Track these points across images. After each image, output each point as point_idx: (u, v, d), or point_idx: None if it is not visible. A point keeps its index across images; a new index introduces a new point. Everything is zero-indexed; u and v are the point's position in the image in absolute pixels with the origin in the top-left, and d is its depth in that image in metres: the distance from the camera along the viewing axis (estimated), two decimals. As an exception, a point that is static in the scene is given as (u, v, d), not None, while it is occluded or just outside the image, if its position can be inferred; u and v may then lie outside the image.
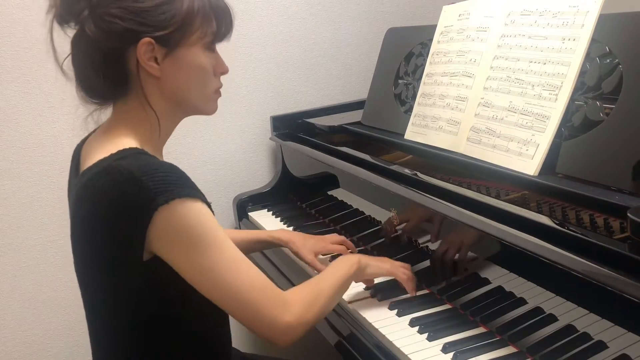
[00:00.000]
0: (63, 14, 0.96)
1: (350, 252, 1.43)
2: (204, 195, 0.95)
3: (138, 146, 0.97)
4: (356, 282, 1.25)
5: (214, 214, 0.98)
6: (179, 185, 0.91)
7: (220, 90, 1.08)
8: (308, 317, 1.00)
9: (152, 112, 1.00)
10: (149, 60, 0.96)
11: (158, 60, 0.97)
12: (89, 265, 1.01)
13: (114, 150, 0.95)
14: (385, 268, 1.22)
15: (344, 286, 1.13)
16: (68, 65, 1.01)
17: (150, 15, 0.94)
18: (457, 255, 1.17)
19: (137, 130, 1.00)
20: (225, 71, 1.07)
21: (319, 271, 1.37)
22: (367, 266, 1.19)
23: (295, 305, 0.99)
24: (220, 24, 1.02)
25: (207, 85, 1.04)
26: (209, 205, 0.96)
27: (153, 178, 0.89)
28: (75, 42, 0.98)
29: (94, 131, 1.09)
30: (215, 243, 0.93)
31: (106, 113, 1.06)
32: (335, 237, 1.46)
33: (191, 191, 0.92)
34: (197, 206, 0.92)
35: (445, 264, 1.20)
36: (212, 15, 1.01)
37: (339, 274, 1.12)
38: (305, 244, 1.40)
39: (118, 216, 0.90)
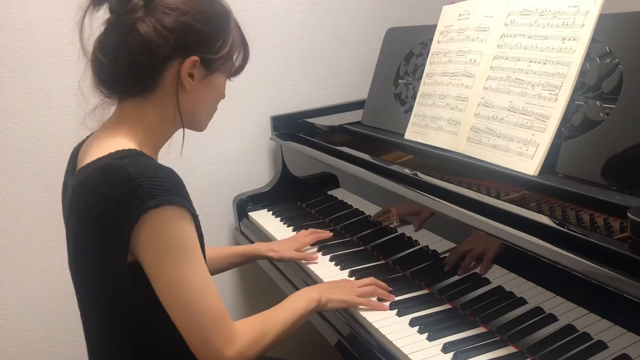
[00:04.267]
0: (113, 5, 0.97)
1: (324, 235, 1.51)
2: (194, 208, 0.97)
3: (137, 148, 0.98)
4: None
5: (200, 226, 1.00)
6: (172, 193, 0.92)
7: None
8: (250, 354, 1.00)
9: (155, 118, 1.03)
10: (187, 76, 1.01)
11: (194, 78, 1.02)
12: (80, 262, 1.02)
13: (113, 150, 0.96)
14: (346, 301, 1.19)
15: (299, 322, 1.11)
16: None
17: (209, 40, 1.01)
18: (457, 255, 1.17)
19: (137, 133, 1.02)
20: (223, 97, 1.13)
21: (310, 260, 1.43)
22: (328, 302, 1.17)
23: (241, 341, 0.99)
24: (246, 56, 1.11)
25: (214, 107, 1.13)
26: (196, 218, 0.98)
27: (149, 181, 0.91)
28: (114, 30, 0.98)
29: (90, 134, 1.10)
30: (191, 260, 0.95)
31: (105, 115, 1.07)
32: (305, 232, 1.53)
33: (183, 201, 0.94)
34: (186, 218, 0.94)
35: (445, 264, 1.20)
36: (242, 48, 1.10)
37: (295, 311, 1.10)
38: (284, 246, 1.47)
39: (109, 213, 0.91)
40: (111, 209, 0.91)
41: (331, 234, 1.54)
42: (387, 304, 1.20)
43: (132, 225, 0.91)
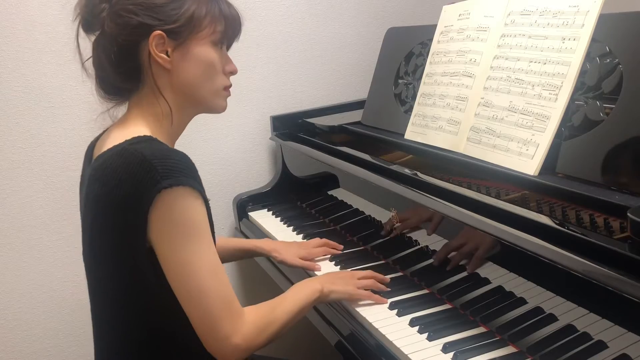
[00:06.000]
0: (87, 16, 1.03)
1: (334, 250, 1.46)
2: (204, 192, 0.98)
3: (151, 135, 1.02)
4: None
5: (210, 211, 1.01)
6: (186, 175, 0.94)
7: (230, 90, 1.13)
8: (256, 343, 1.01)
9: (165, 103, 1.05)
10: (161, 53, 1.02)
11: (169, 54, 1.03)
12: (96, 250, 1.02)
13: (129, 137, 0.99)
14: (348, 293, 1.20)
15: (302, 312, 1.12)
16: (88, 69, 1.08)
17: (162, 10, 1.01)
18: (457, 255, 1.17)
19: (150, 122, 1.05)
20: (234, 71, 1.12)
21: (312, 270, 1.39)
22: (330, 293, 1.18)
23: (247, 328, 0.99)
24: (229, 28, 1.09)
25: (215, 81, 1.09)
26: (207, 202, 0.99)
27: (163, 162, 0.93)
28: (96, 43, 1.05)
29: (105, 130, 1.12)
30: (202, 241, 0.96)
31: (120, 111, 1.11)
32: (317, 241, 1.49)
33: (195, 183, 0.96)
34: (197, 201, 0.96)
35: (445, 264, 1.20)
36: (221, 19, 1.07)
37: (298, 301, 1.11)
38: (289, 251, 1.43)
39: (126, 197, 0.93)
40: (128, 192, 0.93)
41: (342, 246, 1.48)
42: (387, 302, 1.21)
43: (148, 207, 0.92)
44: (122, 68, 1.03)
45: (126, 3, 1.01)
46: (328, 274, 1.27)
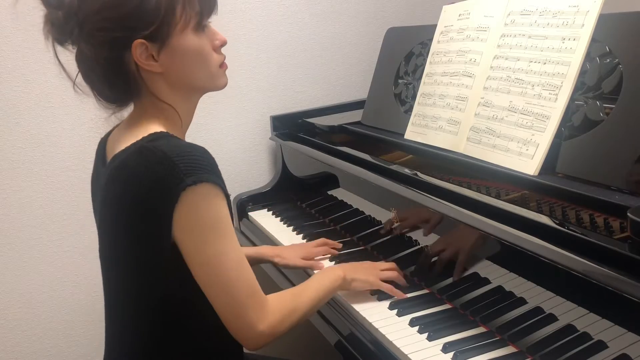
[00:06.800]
0: (57, 36, 0.99)
1: (334, 250, 1.47)
2: (226, 188, 0.98)
3: (166, 131, 1.00)
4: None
5: (231, 207, 1.01)
6: (208, 171, 0.94)
7: (226, 62, 1.08)
8: (281, 329, 1.03)
9: (167, 105, 1.03)
10: (147, 60, 0.99)
11: (155, 57, 0.99)
12: (118, 248, 1.02)
13: (145, 134, 0.98)
14: (370, 282, 1.22)
15: (324, 299, 1.14)
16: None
17: (133, 18, 0.96)
18: (457, 255, 1.17)
19: (160, 120, 1.03)
20: (223, 41, 1.07)
21: (315, 269, 1.40)
22: (352, 281, 1.20)
23: (272, 315, 1.01)
24: (204, 5, 1.02)
25: (209, 64, 1.05)
26: (228, 198, 1.00)
27: (185, 159, 0.92)
28: (79, 60, 1.01)
29: (116, 126, 1.12)
30: (227, 236, 0.96)
31: (127, 109, 1.09)
32: (316, 241, 1.49)
33: (218, 180, 0.96)
34: (220, 196, 0.96)
35: (445, 264, 1.20)
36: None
37: (321, 288, 1.13)
38: (291, 253, 1.44)
39: (149, 195, 0.93)
40: (151, 191, 0.92)
41: (341, 245, 1.49)
42: (405, 296, 1.22)
43: (174, 204, 0.91)
44: (113, 84, 1.00)
45: (94, 20, 0.95)
46: (351, 263, 1.29)
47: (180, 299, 1.01)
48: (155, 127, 1.01)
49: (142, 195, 0.93)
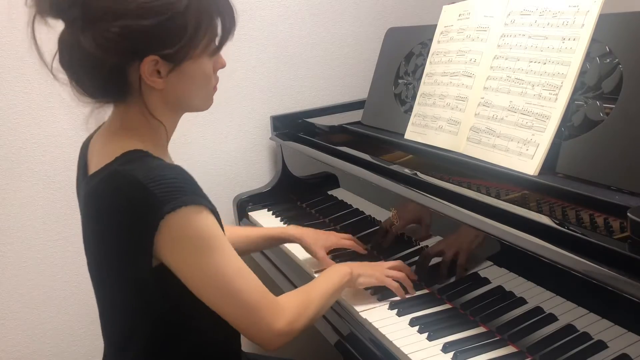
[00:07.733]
0: (45, 11, 0.90)
1: (360, 248, 1.45)
2: (209, 201, 0.95)
3: (142, 148, 0.96)
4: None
5: (219, 218, 0.98)
6: (185, 192, 0.90)
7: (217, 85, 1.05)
8: (298, 325, 1.02)
9: (156, 121, 0.98)
10: (152, 75, 0.93)
11: (162, 74, 0.93)
12: (103, 268, 1.01)
13: (119, 153, 0.94)
14: (376, 278, 1.22)
15: (334, 295, 1.15)
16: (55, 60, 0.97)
17: (155, 34, 0.89)
18: (457, 255, 1.17)
19: (140, 133, 0.98)
20: (223, 66, 1.03)
21: (327, 266, 1.37)
22: (359, 276, 1.20)
23: (287, 312, 1.01)
24: (224, 25, 0.97)
25: (208, 87, 1.02)
26: (214, 210, 0.96)
27: (159, 184, 0.88)
28: (66, 45, 0.92)
29: (99, 128, 1.08)
30: (219, 249, 0.94)
31: (108, 111, 1.04)
32: (344, 235, 1.47)
33: (197, 198, 0.92)
34: (203, 213, 0.92)
35: (445, 264, 1.20)
36: (216, 19, 0.95)
37: (330, 284, 1.14)
38: (317, 240, 1.41)
39: (125, 225, 0.91)
40: (127, 220, 0.90)
41: (366, 250, 1.45)
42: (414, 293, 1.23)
43: (153, 233, 0.89)
44: (102, 84, 0.93)
45: (110, 25, 0.86)
46: (358, 262, 1.28)
47: (170, 319, 0.99)
48: (135, 143, 0.96)
49: (119, 225, 0.91)
